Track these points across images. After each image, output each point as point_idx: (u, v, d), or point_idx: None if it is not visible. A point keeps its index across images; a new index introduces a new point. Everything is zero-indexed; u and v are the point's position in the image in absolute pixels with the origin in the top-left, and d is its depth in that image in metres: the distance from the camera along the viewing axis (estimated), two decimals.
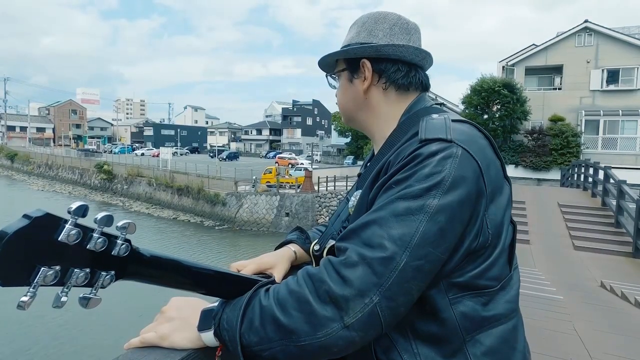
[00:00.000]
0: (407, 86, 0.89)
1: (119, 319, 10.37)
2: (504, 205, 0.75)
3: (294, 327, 0.63)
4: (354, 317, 0.62)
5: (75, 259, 0.57)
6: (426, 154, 0.70)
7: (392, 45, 0.87)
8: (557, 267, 6.80)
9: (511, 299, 0.76)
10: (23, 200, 31.64)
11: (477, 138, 0.75)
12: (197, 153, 71.94)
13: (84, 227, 0.56)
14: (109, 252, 0.59)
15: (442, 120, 0.76)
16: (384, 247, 0.64)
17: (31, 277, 0.53)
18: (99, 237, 0.57)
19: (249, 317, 0.67)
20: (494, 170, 0.74)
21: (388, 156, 0.79)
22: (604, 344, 3.29)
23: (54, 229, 0.54)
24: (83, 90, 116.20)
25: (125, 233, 0.61)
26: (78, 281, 0.57)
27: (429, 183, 0.67)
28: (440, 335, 0.70)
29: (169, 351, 0.71)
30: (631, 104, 20.99)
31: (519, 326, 0.78)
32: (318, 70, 1.03)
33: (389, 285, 0.63)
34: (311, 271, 0.68)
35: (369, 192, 0.78)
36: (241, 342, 0.66)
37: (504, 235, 0.75)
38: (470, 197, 0.68)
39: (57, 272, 0.55)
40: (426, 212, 0.65)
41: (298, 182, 25.82)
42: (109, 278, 0.60)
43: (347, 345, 0.63)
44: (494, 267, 0.73)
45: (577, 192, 12.94)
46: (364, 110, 0.92)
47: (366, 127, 0.95)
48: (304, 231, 1.13)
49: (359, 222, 0.69)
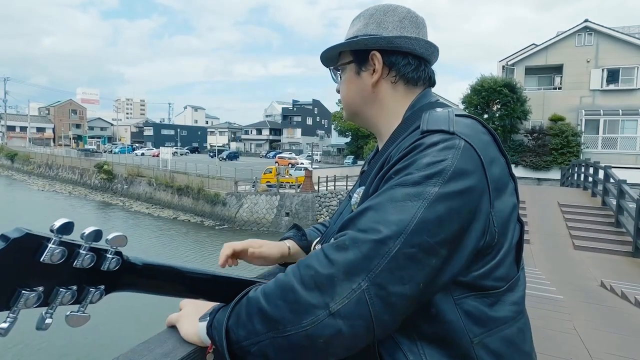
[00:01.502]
0: (416, 80, 0.87)
1: (119, 319, 10.37)
2: (510, 203, 0.72)
3: (278, 316, 0.60)
4: (341, 303, 0.59)
5: (61, 278, 0.53)
6: (427, 144, 0.68)
7: (404, 38, 0.85)
8: (557, 266, 6.80)
9: (518, 300, 0.74)
10: (23, 200, 31.64)
11: (481, 133, 0.73)
12: (197, 153, 71.92)
13: (69, 244, 0.52)
14: (98, 267, 0.56)
15: (446, 113, 0.75)
16: (378, 230, 0.61)
17: (10, 301, 0.49)
18: (87, 253, 0.54)
19: (237, 312, 0.66)
20: (498, 167, 0.71)
21: (390, 150, 0.78)
22: (604, 343, 3.29)
23: (36, 249, 0.50)
24: (83, 90, 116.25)
25: (116, 246, 0.57)
26: (64, 300, 0.53)
27: (430, 171, 0.64)
28: (445, 337, 0.68)
29: (168, 350, 0.72)
30: (631, 104, 20.98)
31: (526, 328, 0.76)
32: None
33: (379, 271, 0.60)
34: (301, 260, 0.66)
35: (370, 187, 0.76)
36: (228, 338, 0.65)
37: (511, 233, 0.72)
38: (471, 191, 0.65)
39: (40, 294, 0.51)
40: (425, 198, 0.63)
41: (298, 182, 25.82)
42: (99, 293, 0.57)
43: (333, 336, 0.59)
44: (501, 267, 0.70)
45: (577, 192, 12.94)
46: (371, 104, 0.90)
47: (372, 123, 0.93)
48: (300, 228, 1.11)
49: (356, 210, 0.68)
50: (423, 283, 0.62)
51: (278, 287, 0.63)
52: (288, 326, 0.60)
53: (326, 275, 0.60)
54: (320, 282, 0.60)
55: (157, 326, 0.81)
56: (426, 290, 0.64)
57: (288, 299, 0.61)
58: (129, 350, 0.72)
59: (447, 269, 0.65)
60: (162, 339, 0.77)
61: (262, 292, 0.65)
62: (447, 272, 0.65)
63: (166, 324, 0.82)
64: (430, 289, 0.64)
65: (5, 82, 77.31)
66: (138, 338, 0.83)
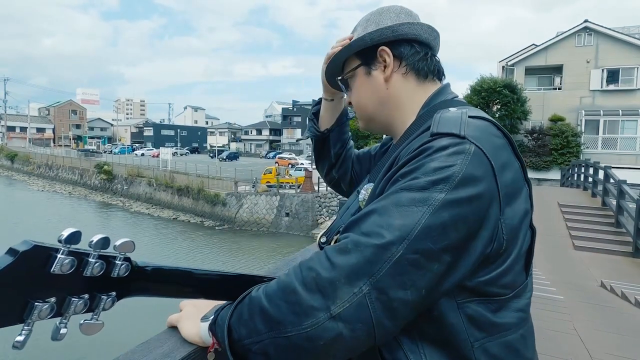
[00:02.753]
0: (426, 72, 0.87)
1: (119, 319, 10.36)
2: (521, 209, 0.70)
3: (280, 317, 0.61)
4: (342, 306, 0.59)
5: (72, 287, 0.53)
6: (436, 148, 0.67)
7: (407, 24, 0.86)
8: (557, 267, 6.80)
9: (523, 307, 0.73)
10: (23, 200, 31.63)
11: (493, 137, 0.71)
12: (197, 153, 72.00)
13: (78, 253, 0.52)
14: (108, 274, 0.56)
15: (458, 115, 0.73)
16: (381, 235, 0.61)
17: (24, 314, 0.49)
18: (96, 261, 0.54)
19: (239, 310, 0.66)
20: (511, 171, 0.70)
21: (400, 149, 0.77)
22: (604, 343, 3.29)
23: (45, 261, 0.50)
24: (83, 91, 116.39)
25: (124, 252, 0.58)
26: (77, 309, 0.54)
27: (437, 176, 0.63)
28: (447, 339, 0.67)
29: (168, 350, 0.72)
30: (631, 104, 20.97)
31: (528, 335, 0.75)
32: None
33: (381, 275, 0.59)
34: (302, 261, 0.66)
35: (377, 186, 0.76)
36: (230, 336, 0.65)
37: (521, 240, 0.70)
38: (479, 198, 0.64)
39: (52, 305, 0.51)
40: (430, 205, 0.62)
41: (298, 182, 25.83)
42: (111, 300, 0.58)
43: (333, 339, 0.59)
44: (509, 274, 0.69)
45: (577, 192, 12.94)
46: (386, 103, 0.88)
47: (388, 124, 0.91)
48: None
49: (361, 213, 0.67)
50: (425, 289, 0.62)
51: (280, 288, 0.63)
52: (289, 327, 0.60)
53: (328, 278, 0.61)
54: (321, 284, 0.60)
55: (157, 326, 0.81)
56: (429, 296, 0.63)
57: (289, 300, 0.61)
58: (129, 350, 0.72)
59: (451, 275, 0.64)
60: (162, 339, 0.77)
61: (264, 292, 0.65)
62: (451, 279, 0.64)
63: (167, 325, 0.83)
64: (434, 295, 0.64)
65: (5, 83, 77.46)
66: (138, 338, 0.83)
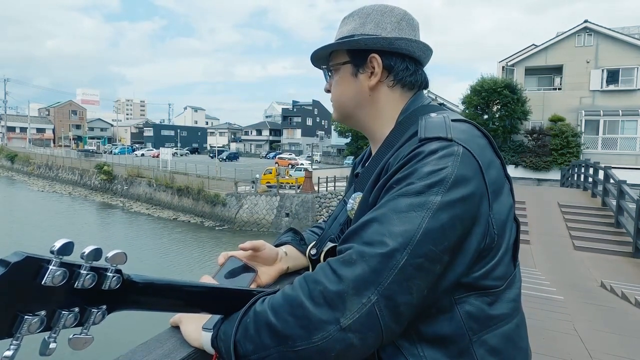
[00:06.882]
0: (413, 85, 0.87)
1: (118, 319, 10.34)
2: (507, 204, 0.73)
3: (288, 332, 0.60)
4: (351, 318, 0.59)
5: (62, 300, 0.52)
6: (427, 152, 0.68)
7: (405, 39, 0.84)
8: (557, 267, 6.80)
9: (515, 297, 0.75)
10: (23, 201, 31.64)
11: (477, 137, 0.74)
12: (197, 153, 71.99)
13: (69, 264, 0.51)
14: (99, 287, 0.54)
15: (442, 119, 0.75)
16: (385, 243, 0.62)
17: (13, 327, 0.47)
18: (87, 273, 0.52)
19: (244, 325, 0.65)
20: (495, 169, 0.72)
21: (388, 157, 0.77)
22: (604, 344, 3.29)
23: (36, 272, 0.48)
24: (83, 91, 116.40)
25: (116, 264, 0.56)
26: (67, 323, 0.52)
27: (431, 180, 0.65)
28: (446, 336, 0.68)
29: (168, 351, 0.72)
30: (631, 104, 20.98)
31: (522, 324, 0.77)
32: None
33: (388, 283, 0.60)
34: (307, 274, 0.66)
35: (369, 195, 0.76)
36: (236, 352, 0.64)
37: (508, 233, 0.73)
38: (472, 196, 0.66)
39: (42, 318, 0.49)
40: (429, 208, 0.63)
41: (298, 183, 25.81)
42: (101, 314, 0.56)
43: (345, 349, 0.60)
44: (500, 267, 0.71)
45: (577, 192, 12.94)
46: (366, 107, 0.88)
47: (365, 126, 0.91)
48: (298, 232, 1.08)
49: (360, 222, 0.67)
50: (427, 290, 0.64)
51: (286, 302, 0.63)
52: (298, 341, 0.60)
53: (335, 291, 0.61)
54: (329, 298, 0.60)
55: (157, 327, 0.81)
56: (429, 295, 0.65)
57: (297, 315, 0.61)
58: (129, 351, 0.72)
59: (450, 274, 0.66)
60: (162, 339, 0.77)
61: (269, 306, 0.64)
62: (449, 277, 0.66)
63: (170, 323, 0.82)
64: (433, 294, 0.65)
65: (5, 83, 77.41)
66: (138, 339, 0.83)
